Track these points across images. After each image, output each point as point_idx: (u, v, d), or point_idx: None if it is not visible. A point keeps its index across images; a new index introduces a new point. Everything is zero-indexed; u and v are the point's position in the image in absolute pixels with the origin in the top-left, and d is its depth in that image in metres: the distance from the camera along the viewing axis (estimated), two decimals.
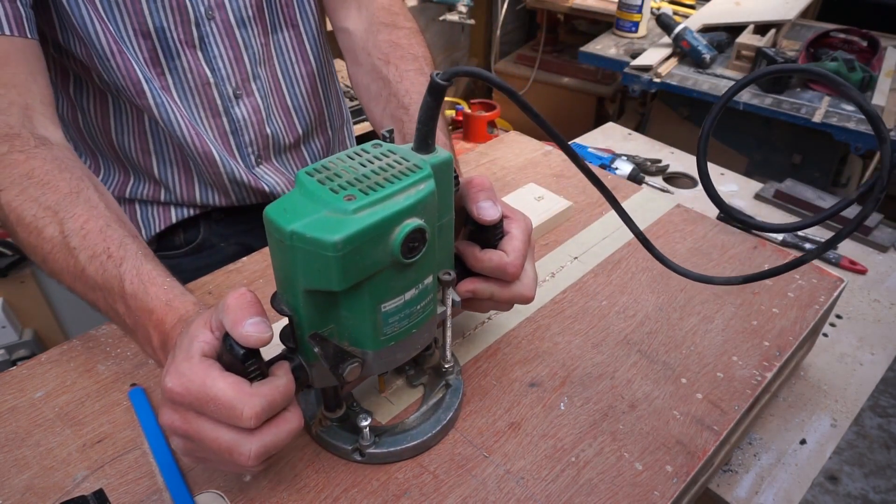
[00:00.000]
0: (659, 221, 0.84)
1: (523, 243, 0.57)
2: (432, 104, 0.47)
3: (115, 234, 0.56)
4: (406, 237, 0.44)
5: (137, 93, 0.75)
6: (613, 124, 1.47)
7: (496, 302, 0.58)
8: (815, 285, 0.74)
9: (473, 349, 0.66)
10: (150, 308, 0.52)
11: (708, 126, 0.47)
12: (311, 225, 0.42)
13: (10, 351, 1.57)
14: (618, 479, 0.54)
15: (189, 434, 0.45)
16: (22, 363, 0.64)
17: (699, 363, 0.65)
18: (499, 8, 2.70)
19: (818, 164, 1.81)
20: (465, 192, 0.56)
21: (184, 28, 0.76)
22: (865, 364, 0.86)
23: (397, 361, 0.53)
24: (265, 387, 0.44)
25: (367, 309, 0.47)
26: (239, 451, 0.44)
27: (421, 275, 0.49)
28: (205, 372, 0.43)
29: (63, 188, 0.58)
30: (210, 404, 0.43)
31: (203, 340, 0.45)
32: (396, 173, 0.46)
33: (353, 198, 0.43)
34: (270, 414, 0.44)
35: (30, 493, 0.52)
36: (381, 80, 0.78)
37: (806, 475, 0.70)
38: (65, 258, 0.56)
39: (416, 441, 0.55)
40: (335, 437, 0.55)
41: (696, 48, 1.90)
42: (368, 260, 0.44)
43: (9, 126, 0.61)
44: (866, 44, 1.86)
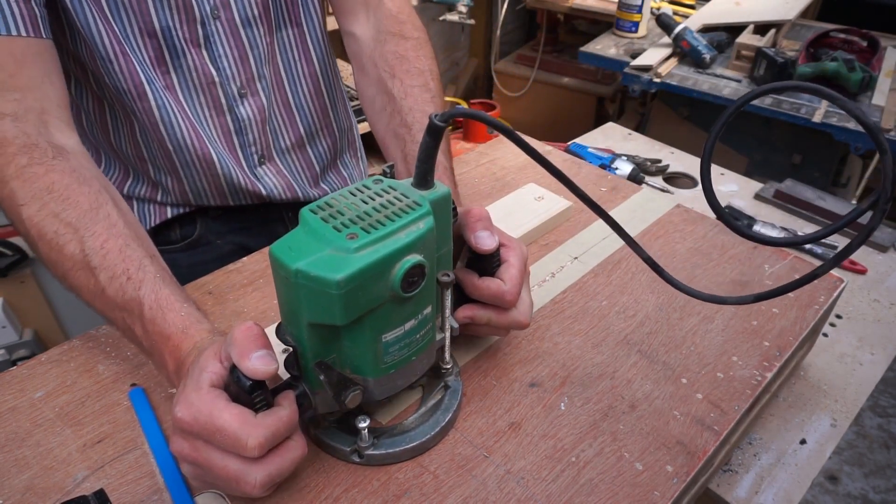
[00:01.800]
0: (659, 221, 0.84)
1: (520, 271, 0.59)
2: (431, 144, 0.49)
3: (134, 255, 0.58)
4: (406, 273, 0.46)
5: (139, 95, 0.75)
6: (613, 124, 1.47)
7: (493, 327, 0.60)
8: (815, 285, 0.74)
9: (473, 349, 0.66)
10: (167, 334, 0.54)
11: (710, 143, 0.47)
12: (314, 263, 0.44)
13: (10, 351, 1.57)
14: (618, 480, 0.54)
15: (198, 462, 0.47)
16: (22, 363, 0.64)
17: (699, 363, 0.65)
18: (499, 8, 2.70)
19: (818, 164, 1.81)
20: (463, 222, 0.58)
21: (189, 27, 0.76)
22: (865, 364, 0.86)
23: (397, 388, 0.55)
24: (269, 418, 0.46)
25: (369, 340, 0.49)
26: (245, 480, 0.46)
27: (420, 306, 0.51)
28: (212, 402, 0.45)
29: (83, 203, 0.59)
30: (217, 434, 0.45)
31: (212, 371, 0.47)
32: (397, 210, 0.48)
33: (356, 236, 0.45)
34: (274, 443, 0.46)
35: (30, 493, 0.52)
36: (386, 94, 0.79)
37: (806, 475, 0.70)
38: (85, 277, 0.57)
39: (415, 443, 0.55)
40: (334, 438, 0.55)
41: (696, 48, 1.90)
42: (370, 295, 0.46)
43: (26, 135, 0.61)
44: (866, 44, 1.86)
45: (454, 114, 0.48)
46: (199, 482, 0.50)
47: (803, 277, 0.47)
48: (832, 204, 1.15)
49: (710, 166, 0.48)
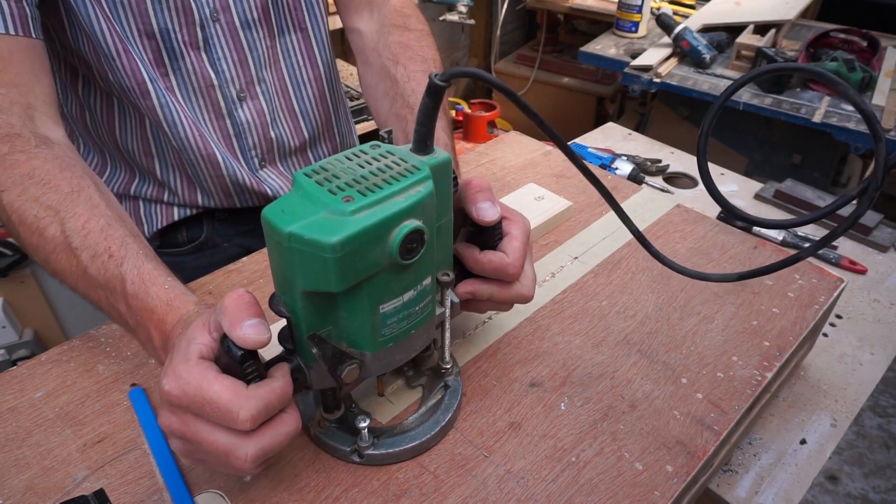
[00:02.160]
0: (659, 221, 0.84)
1: (522, 244, 0.57)
2: (431, 105, 0.47)
3: (116, 234, 0.56)
4: (404, 238, 0.44)
5: (142, 93, 0.75)
6: (613, 124, 1.47)
7: (496, 303, 0.59)
8: (815, 285, 0.75)
9: (473, 349, 0.66)
10: (151, 308, 0.52)
11: (707, 125, 0.47)
12: (309, 226, 0.42)
13: (10, 351, 1.57)
14: (618, 479, 0.54)
15: (187, 436, 0.45)
16: (22, 363, 0.64)
17: (699, 363, 0.65)
18: (499, 8, 2.70)
19: (818, 164, 1.81)
20: (463, 194, 0.56)
21: (188, 29, 0.76)
22: (865, 364, 0.86)
23: (396, 363, 0.53)
24: (261, 389, 0.44)
25: (366, 310, 0.47)
26: (235, 455, 0.44)
27: (419, 276, 0.48)
28: (201, 374, 0.43)
29: (64, 187, 0.58)
30: (206, 407, 0.43)
31: (200, 342, 0.45)
32: (395, 174, 0.46)
33: (352, 199, 0.43)
34: (267, 416, 0.44)
35: (30, 493, 0.52)
36: (389, 79, 0.79)
37: (806, 475, 0.70)
38: (67, 258, 0.56)
39: (415, 442, 0.55)
40: (333, 438, 0.55)
41: (696, 48, 1.90)
42: (367, 261, 0.44)
43: (10, 126, 0.61)
44: (866, 44, 1.86)
45: (455, 73, 0.46)
46: (190, 458, 0.48)
47: (787, 259, 0.48)
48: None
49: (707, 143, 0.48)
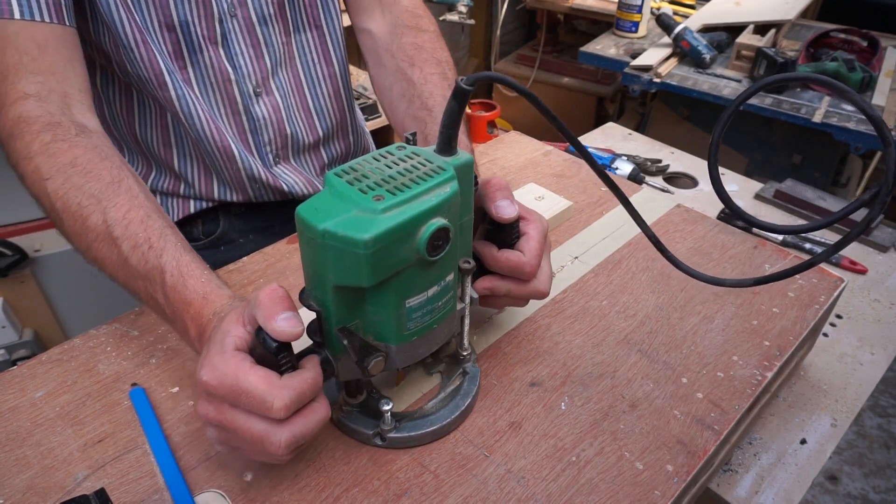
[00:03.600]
0: (659, 221, 0.84)
1: (539, 243, 0.59)
2: (456, 108, 0.49)
3: (155, 224, 0.58)
4: (431, 236, 0.46)
5: (160, 84, 0.76)
6: (613, 124, 1.47)
7: (512, 298, 0.60)
8: (816, 285, 0.75)
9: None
10: (188, 300, 0.54)
11: (718, 132, 0.47)
12: (342, 224, 0.44)
13: (10, 351, 1.57)
14: (618, 479, 0.54)
15: (223, 424, 0.47)
16: (22, 363, 0.64)
17: (699, 363, 0.65)
18: (499, 8, 2.70)
19: (818, 164, 1.81)
20: (482, 192, 0.58)
21: (207, 23, 0.77)
22: (865, 364, 0.86)
23: (419, 356, 0.54)
24: (294, 379, 0.46)
25: (393, 304, 0.49)
26: (270, 441, 0.46)
27: (444, 272, 0.51)
28: (237, 365, 0.45)
29: (105, 177, 0.60)
30: (242, 397, 0.45)
31: (235, 335, 0.47)
32: (422, 174, 0.48)
33: (382, 198, 0.46)
34: (299, 405, 0.46)
35: (31, 493, 0.52)
36: (405, 81, 0.80)
37: (806, 475, 0.70)
38: (108, 247, 0.58)
39: (436, 426, 0.56)
40: (356, 421, 0.56)
41: (696, 48, 1.90)
42: (395, 257, 0.46)
43: (50, 114, 0.63)
44: (866, 44, 1.86)
45: (480, 77, 0.48)
46: (224, 446, 0.50)
47: (802, 264, 0.48)
48: (832, 204, 1.15)
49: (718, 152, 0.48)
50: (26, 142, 0.61)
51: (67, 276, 1.61)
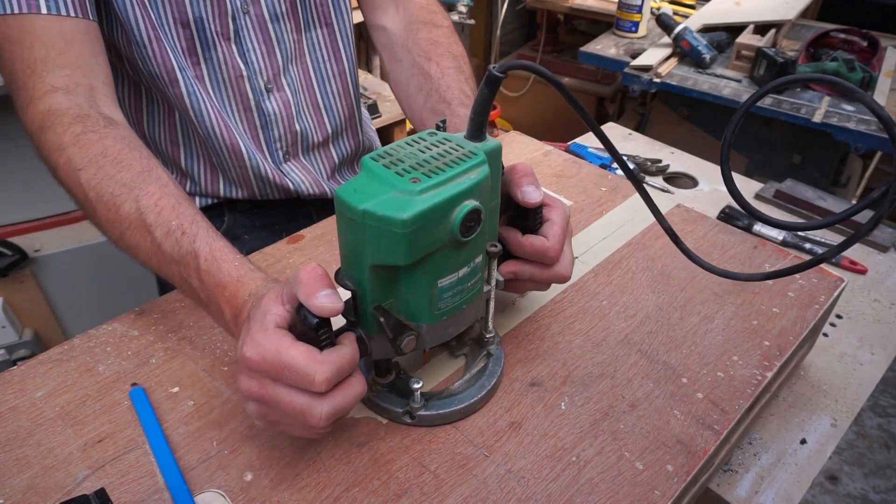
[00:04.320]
0: None
1: (562, 228, 0.61)
2: (488, 95, 0.52)
3: (186, 211, 0.60)
4: (465, 217, 0.49)
5: (171, 81, 0.77)
6: (613, 124, 1.47)
7: (535, 283, 0.63)
8: (816, 285, 0.75)
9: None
10: (223, 283, 0.56)
11: (730, 132, 0.48)
12: (381, 204, 0.46)
13: (10, 351, 1.57)
14: (618, 479, 0.54)
15: (265, 399, 0.48)
16: (22, 363, 0.64)
17: (700, 363, 0.65)
18: (499, 8, 2.70)
19: (818, 164, 1.81)
20: (508, 178, 0.60)
21: (221, 20, 0.78)
22: (865, 364, 0.86)
23: (448, 335, 0.56)
24: (334, 354, 0.48)
25: (426, 284, 0.51)
26: (311, 413, 0.47)
27: (474, 253, 0.53)
28: (279, 341, 0.47)
29: (136, 166, 0.62)
30: (285, 371, 0.46)
31: (275, 313, 0.48)
32: (455, 159, 0.50)
33: (418, 180, 0.48)
34: (339, 379, 0.48)
35: (31, 493, 0.52)
36: (422, 75, 0.81)
37: (806, 475, 0.70)
38: (141, 235, 0.60)
39: (463, 404, 0.58)
40: (386, 400, 0.58)
41: (696, 48, 1.90)
42: (431, 237, 0.48)
43: (78, 106, 0.64)
44: (866, 44, 1.86)
45: (512, 65, 0.50)
46: (264, 421, 0.51)
47: (813, 259, 0.49)
48: (832, 204, 1.15)
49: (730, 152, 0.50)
50: (57, 133, 0.63)
51: (67, 276, 1.61)
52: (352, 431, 0.57)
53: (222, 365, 0.64)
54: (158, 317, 0.69)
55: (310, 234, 0.82)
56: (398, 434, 0.57)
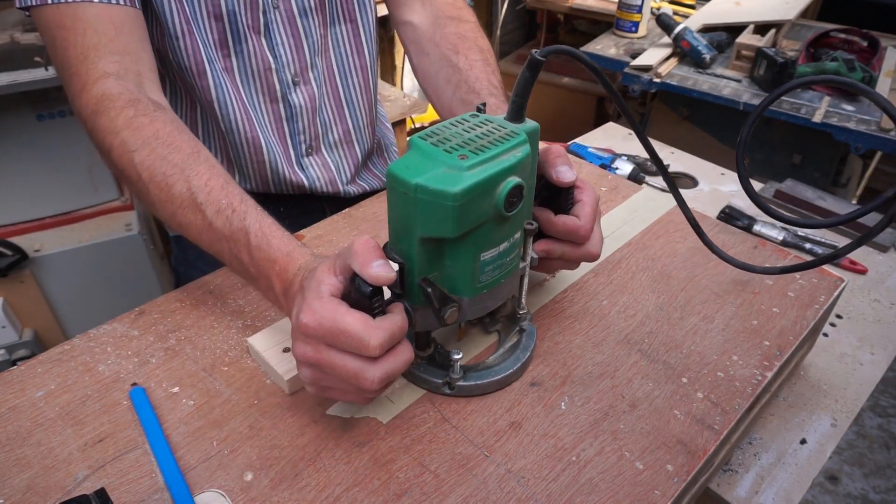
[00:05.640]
0: (659, 221, 0.84)
1: (593, 209, 0.64)
2: (529, 78, 0.54)
3: (234, 191, 0.63)
4: (509, 192, 0.51)
5: (199, 73, 0.80)
6: (613, 124, 1.47)
7: (566, 261, 0.65)
8: (816, 285, 0.75)
9: (475, 349, 0.66)
10: (273, 258, 0.58)
11: (746, 132, 0.50)
12: (432, 179, 0.49)
13: (10, 351, 1.57)
14: (618, 479, 0.54)
15: (320, 363, 0.50)
16: (22, 363, 0.64)
17: (700, 363, 0.65)
18: (499, 8, 2.70)
19: (818, 164, 1.81)
20: (542, 159, 0.62)
21: (252, 14, 0.80)
22: (865, 364, 0.86)
23: (486, 309, 0.59)
24: (386, 321, 0.50)
25: (470, 257, 0.54)
26: (364, 377, 0.49)
27: (514, 229, 0.56)
28: (335, 308, 0.49)
29: (185, 148, 0.64)
30: (340, 336, 0.48)
31: (329, 283, 0.51)
32: (498, 138, 0.53)
33: (466, 157, 0.50)
34: (391, 345, 0.50)
35: (31, 493, 0.52)
36: (450, 67, 0.84)
37: (806, 475, 0.70)
38: (192, 213, 0.62)
39: (500, 375, 0.60)
40: (426, 372, 0.60)
41: (696, 48, 1.90)
42: (477, 211, 0.51)
43: (130, 91, 0.67)
44: (866, 44, 1.86)
45: (551, 50, 0.53)
46: (315, 386, 0.53)
47: (828, 255, 0.50)
48: (832, 204, 1.15)
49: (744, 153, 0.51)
50: (111, 117, 0.65)
51: (67, 276, 1.61)
52: (352, 431, 0.57)
53: (222, 365, 0.64)
54: (158, 317, 0.69)
55: (310, 234, 0.82)
56: (398, 434, 0.57)
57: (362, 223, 0.84)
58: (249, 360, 0.64)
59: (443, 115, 0.87)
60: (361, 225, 0.83)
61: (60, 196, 1.61)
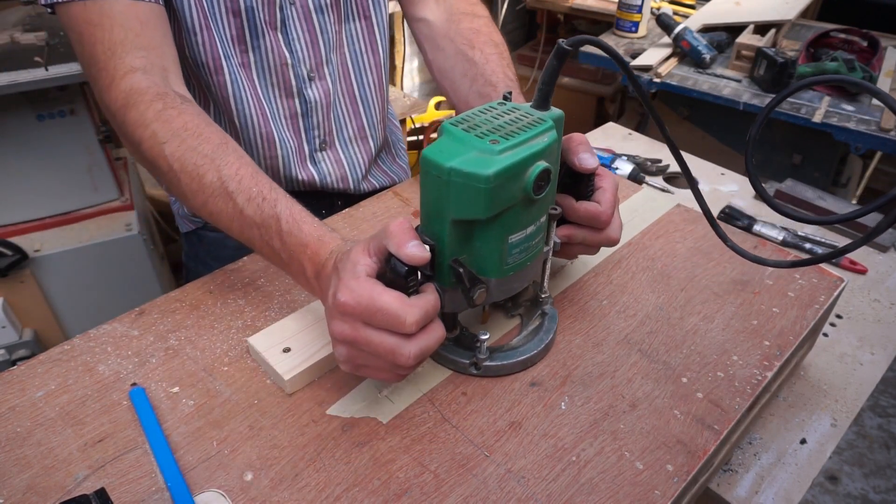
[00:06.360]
0: (659, 221, 0.84)
1: (613, 195, 0.66)
2: (556, 67, 0.56)
3: (263, 179, 0.64)
4: (537, 176, 0.53)
5: (216, 68, 0.81)
6: (613, 124, 1.47)
7: (586, 246, 0.67)
8: (816, 285, 0.75)
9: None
10: (304, 243, 0.60)
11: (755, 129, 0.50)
12: (465, 162, 0.51)
13: (10, 351, 1.57)
14: (618, 479, 0.54)
15: (357, 340, 0.52)
16: (22, 363, 0.64)
17: (700, 362, 0.65)
18: (499, 8, 2.70)
19: (818, 164, 1.81)
20: (565, 146, 0.63)
21: (269, 10, 0.81)
22: (865, 364, 0.86)
23: (512, 290, 0.61)
24: (421, 300, 0.52)
25: (498, 239, 0.56)
26: (400, 353, 0.51)
27: (540, 212, 0.58)
28: (371, 288, 0.51)
29: (214, 139, 0.66)
30: (378, 314, 0.50)
31: (364, 264, 0.53)
32: (527, 124, 0.55)
33: (497, 142, 0.52)
34: (425, 322, 0.52)
35: (31, 493, 0.52)
36: (466, 62, 0.86)
37: (806, 475, 0.70)
38: (223, 201, 0.64)
39: (525, 356, 0.62)
40: (453, 353, 0.62)
41: (696, 48, 1.90)
42: (507, 194, 0.53)
43: (157, 85, 0.69)
44: (866, 44, 1.86)
45: (578, 40, 0.55)
46: (350, 364, 0.55)
47: (836, 250, 0.51)
48: (832, 204, 1.15)
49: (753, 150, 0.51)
50: (140, 111, 0.67)
51: (67, 276, 1.61)
52: (352, 431, 0.57)
53: (222, 365, 0.64)
54: (158, 317, 0.69)
55: None
56: (398, 434, 0.57)
57: (362, 223, 0.84)
58: (249, 360, 0.64)
59: (459, 108, 0.88)
60: (361, 225, 0.83)
61: (60, 196, 1.61)
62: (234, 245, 0.96)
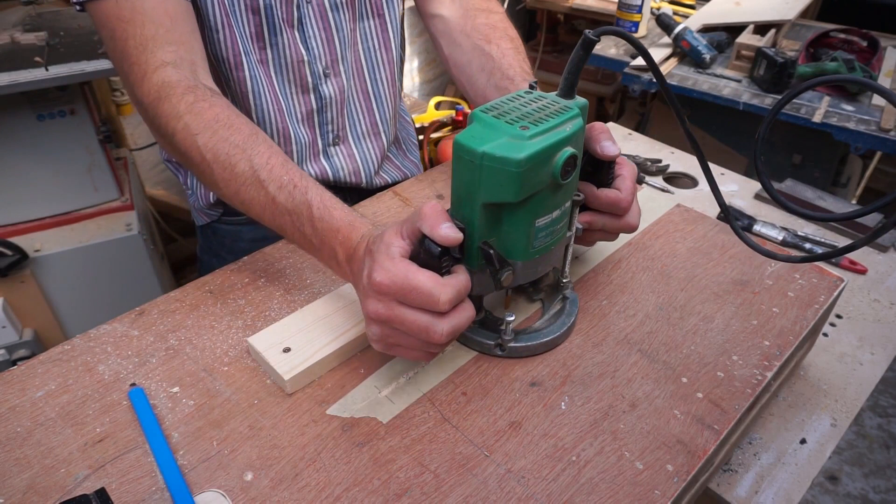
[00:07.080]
0: (659, 221, 0.84)
1: (633, 182, 0.67)
2: (582, 56, 0.58)
3: (293, 167, 0.66)
4: (565, 161, 0.55)
5: (236, 64, 0.83)
6: (613, 124, 1.47)
7: (606, 232, 0.69)
8: (816, 285, 0.75)
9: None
10: (336, 228, 0.61)
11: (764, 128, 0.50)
12: (498, 147, 0.53)
13: (10, 351, 1.57)
14: (618, 479, 0.54)
15: (391, 319, 0.54)
16: (22, 363, 0.64)
17: (699, 362, 0.65)
18: None
19: (818, 164, 1.81)
20: (587, 135, 0.65)
21: (287, 8, 0.84)
22: (865, 364, 0.86)
23: (536, 273, 0.63)
24: (453, 279, 0.54)
25: (526, 222, 0.57)
26: (433, 330, 0.53)
27: (565, 197, 0.60)
28: (406, 268, 0.52)
29: (244, 130, 0.68)
30: (412, 293, 0.52)
31: (399, 245, 0.54)
32: (554, 111, 0.57)
33: (527, 128, 0.54)
34: (458, 301, 0.54)
35: (31, 493, 0.52)
36: (483, 57, 0.88)
37: (806, 475, 0.70)
38: (255, 190, 0.65)
39: (549, 338, 0.64)
40: (479, 334, 0.64)
41: (696, 48, 1.90)
42: (536, 178, 0.55)
43: (187, 79, 0.70)
44: (866, 44, 1.86)
45: (604, 31, 0.57)
46: (383, 343, 0.57)
47: (845, 247, 0.51)
48: (832, 204, 1.15)
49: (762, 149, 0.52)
50: (173, 103, 0.68)
51: (67, 276, 1.61)
52: (352, 431, 0.58)
53: (222, 365, 0.64)
54: (158, 317, 0.69)
55: None
56: (398, 434, 0.57)
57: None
58: (249, 360, 0.64)
59: (476, 102, 0.89)
60: None
61: (60, 196, 1.61)
62: (249, 238, 0.97)
